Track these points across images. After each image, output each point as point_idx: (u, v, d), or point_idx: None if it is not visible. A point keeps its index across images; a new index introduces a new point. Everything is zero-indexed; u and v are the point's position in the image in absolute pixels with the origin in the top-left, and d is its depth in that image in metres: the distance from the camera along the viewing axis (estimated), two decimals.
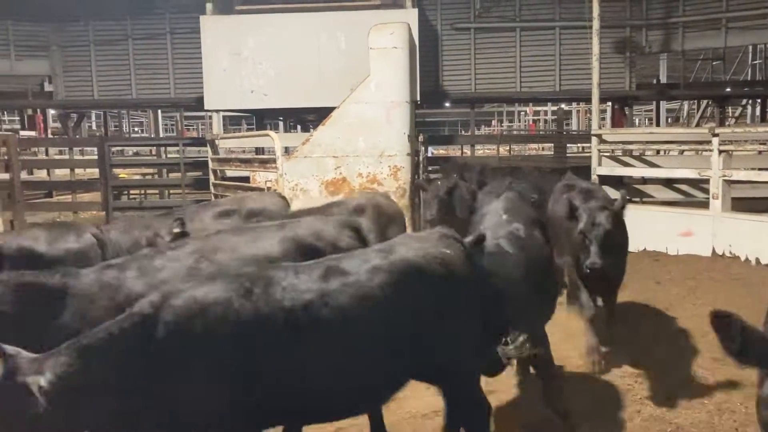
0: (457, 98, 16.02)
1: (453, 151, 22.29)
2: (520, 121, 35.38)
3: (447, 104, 20.11)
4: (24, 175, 14.24)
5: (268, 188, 10.01)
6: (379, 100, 10.02)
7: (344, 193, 9.70)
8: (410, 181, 10.07)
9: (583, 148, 18.56)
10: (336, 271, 3.30)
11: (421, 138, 10.65)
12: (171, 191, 17.12)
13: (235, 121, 29.62)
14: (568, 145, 16.73)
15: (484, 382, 4.02)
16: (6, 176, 12.48)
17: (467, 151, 15.91)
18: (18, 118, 23.76)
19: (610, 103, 16.75)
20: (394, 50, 10.03)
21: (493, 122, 35.80)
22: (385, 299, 3.28)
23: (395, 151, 10.06)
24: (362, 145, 10.05)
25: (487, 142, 20.94)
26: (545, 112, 32.16)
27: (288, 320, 3.08)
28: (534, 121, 33.63)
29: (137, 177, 18.52)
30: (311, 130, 12.87)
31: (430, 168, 11.18)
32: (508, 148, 19.68)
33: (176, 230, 5.41)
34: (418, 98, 11.81)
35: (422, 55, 12.51)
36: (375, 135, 10.03)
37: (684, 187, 11.52)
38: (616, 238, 5.51)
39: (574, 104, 27.34)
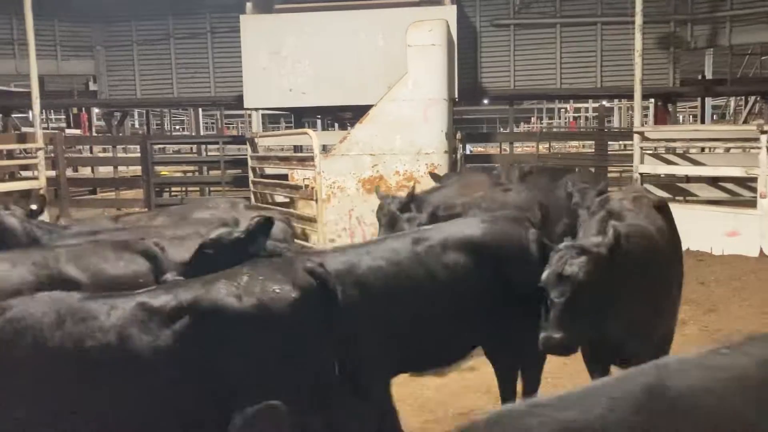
0: (496, 95, 15.88)
1: (492, 148, 22.12)
2: (560, 119, 34.92)
3: (485, 101, 19.93)
4: (69, 173, 14.62)
5: (306, 186, 10.07)
6: (416, 97, 9.99)
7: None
8: None
9: (625, 145, 18.21)
10: (140, 314, 2.95)
11: (458, 136, 10.59)
12: (211, 188, 17.35)
13: (273, 119, 29.84)
14: (609, 142, 16.45)
15: None
16: (52, 173, 12.83)
17: (506, 148, 15.78)
18: (64, 116, 24.36)
19: (652, 100, 16.40)
20: (432, 47, 9.99)
21: (533, 119, 35.38)
22: (177, 346, 2.94)
23: (432, 149, 10.01)
24: (399, 142, 10.03)
25: (527, 139, 20.67)
26: (586, 109, 31.67)
27: (81, 359, 2.89)
28: (574, 118, 33.15)
29: (178, 174, 18.80)
30: (349, 128, 12.91)
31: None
32: (547, 145, 19.41)
33: (33, 207, 5.21)
34: (456, 95, 11.74)
35: (461, 51, 12.42)
36: (412, 133, 10.00)
37: (730, 185, 11.24)
38: (608, 297, 3.56)
39: (616, 101, 26.84)
